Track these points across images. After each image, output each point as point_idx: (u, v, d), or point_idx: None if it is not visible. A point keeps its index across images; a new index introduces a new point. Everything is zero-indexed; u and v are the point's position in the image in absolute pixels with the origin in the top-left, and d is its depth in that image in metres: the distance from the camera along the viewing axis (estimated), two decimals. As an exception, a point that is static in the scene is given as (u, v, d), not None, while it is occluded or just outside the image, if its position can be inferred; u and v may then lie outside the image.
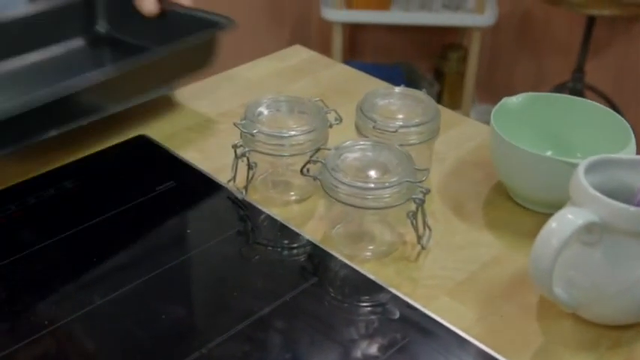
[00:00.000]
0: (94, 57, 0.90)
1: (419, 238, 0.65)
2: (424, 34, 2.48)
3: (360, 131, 0.73)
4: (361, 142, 0.66)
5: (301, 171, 0.66)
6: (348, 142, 0.66)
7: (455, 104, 2.39)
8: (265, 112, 0.71)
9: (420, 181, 0.62)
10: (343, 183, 0.61)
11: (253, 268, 0.65)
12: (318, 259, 0.65)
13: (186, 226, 0.70)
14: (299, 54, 1.04)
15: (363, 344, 0.57)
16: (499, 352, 0.56)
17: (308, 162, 0.66)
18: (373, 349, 0.56)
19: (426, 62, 2.54)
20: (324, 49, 2.27)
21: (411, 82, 2.41)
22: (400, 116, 0.72)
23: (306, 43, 2.42)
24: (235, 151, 0.69)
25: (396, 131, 0.69)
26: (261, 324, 0.58)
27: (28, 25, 0.85)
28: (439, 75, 2.50)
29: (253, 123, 0.68)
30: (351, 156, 0.65)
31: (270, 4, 2.38)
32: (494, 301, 0.61)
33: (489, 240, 0.68)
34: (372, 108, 0.72)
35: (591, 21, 2.14)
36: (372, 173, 0.64)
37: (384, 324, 0.59)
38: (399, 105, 0.74)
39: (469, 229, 0.69)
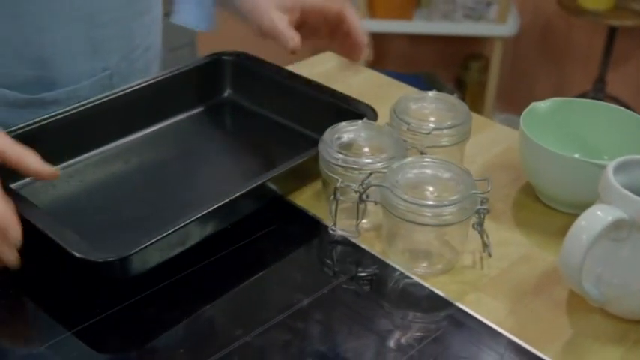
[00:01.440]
0: (216, 123, 0.90)
1: (485, 246, 0.67)
2: (446, 44, 2.50)
3: None
4: (420, 159, 0.67)
5: (360, 198, 0.66)
6: (407, 160, 0.67)
7: (476, 113, 2.41)
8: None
9: (485, 192, 0.64)
10: (402, 199, 0.62)
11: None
12: (354, 254, 0.68)
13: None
14: (329, 60, 1.07)
15: (399, 334, 0.60)
16: (530, 344, 0.59)
17: (364, 187, 0.65)
18: (409, 339, 0.59)
19: (448, 72, 2.56)
20: (347, 58, 2.31)
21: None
22: (432, 119, 0.75)
23: (330, 50, 2.44)
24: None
25: (429, 133, 0.72)
26: (301, 314, 0.61)
27: (157, 91, 0.85)
28: (461, 84, 2.52)
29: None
30: (410, 173, 0.66)
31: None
32: (525, 296, 0.64)
33: (519, 239, 0.71)
34: (405, 111, 0.75)
35: (612, 31, 2.16)
36: (431, 190, 0.65)
37: (419, 316, 0.61)
38: (432, 108, 0.77)
39: (499, 229, 0.72)
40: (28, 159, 0.64)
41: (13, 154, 0.64)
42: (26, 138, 0.68)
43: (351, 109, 0.81)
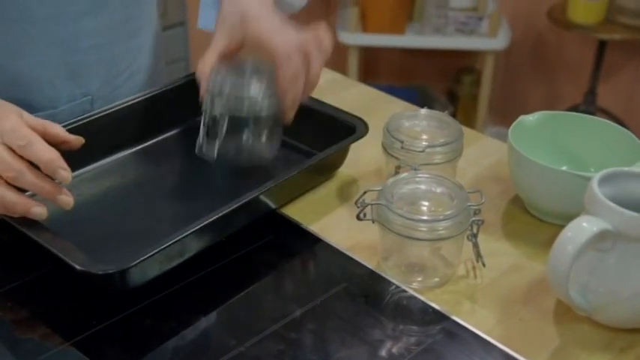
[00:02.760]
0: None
1: (478, 256, 0.69)
2: (438, 58, 2.52)
3: (386, 150, 0.77)
4: (414, 175, 0.69)
5: (357, 217, 0.67)
6: (401, 175, 0.69)
7: (469, 126, 2.42)
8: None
9: (479, 204, 0.66)
10: (398, 215, 0.64)
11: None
12: (348, 266, 0.69)
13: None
14: (322, 75, 1.08)
15: (390, 344, 0.61)
16: (518, 353, 0.60)
17: (359, 206, 0.67)
18: (400, 349, 0.60)
19: (440, 85, 2.58)
20: (340, 71, 2.32)
21: (425, 104, 2.45)
22: (425, 137, 0.76)
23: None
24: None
25: (423, 151, 0.74)
26: (294, 325, 0.62)
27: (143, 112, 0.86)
28: (453, 97, 2.54)
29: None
30: (404, 188, 0.67)
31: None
32: (514, 306, 0.65)
33: (508, 249, 0.72)
34: (398, 128, 0.77)
35: (602, 45, 2.19)
36: (426, 204, 0.67)
37: (410, 326, 0.63)
38: (424, 126, 0.78)
39: (489, 240, 0.73)
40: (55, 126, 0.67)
41: (38, 123, 0.66)
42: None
43: (343, 123, 0.83)
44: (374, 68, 2.63)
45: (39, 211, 0.64)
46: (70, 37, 0.82)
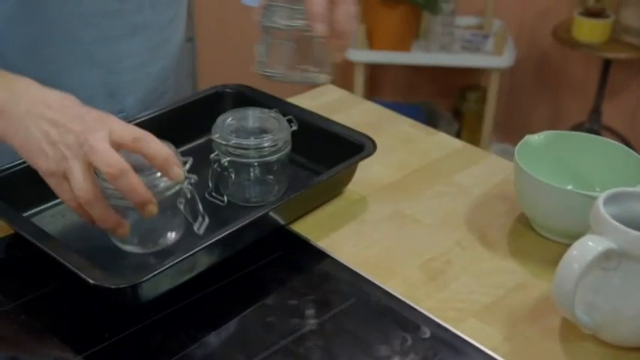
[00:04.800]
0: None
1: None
2: (444, 75, 2.54)
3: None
4: None
5: None
6: None
7: (474, 143, 2.43)
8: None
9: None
10: None
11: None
12: (355, 281, 0.70)
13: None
14: (330, 93, 1.10)
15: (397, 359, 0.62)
16: (524, 370, 0.61)
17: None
18: (407, 365, 0.61)
19: (446, 102, 2.60)
20: (347, 87, 2.34)
21: (431, 121, 2.47)
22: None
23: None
24: None
25: None
26: (303, 340, 0.63)
27: None
28: (458, 114, 2.56)
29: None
30: None
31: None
32: (519, 324, 0.66)
33: (514, 267, 0.73)
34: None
35: (607, 63, 2.20)
36: None
37: (417, 342, 0.64)
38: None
39: (495, 257, 0.74)
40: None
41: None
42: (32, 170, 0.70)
43: (351, 141, 0.84)
44: (380, 85, 2.64)
45: (124, 232, 0.66)
46: (111, 58, 0.86)
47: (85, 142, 0.62)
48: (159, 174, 0.66)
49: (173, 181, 0.66)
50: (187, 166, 0.68)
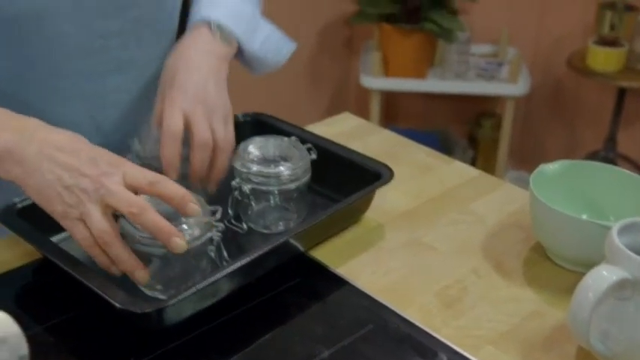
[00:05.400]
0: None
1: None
2: (459, 102, 2.56)
3: None
4: None
5: None
6: None
7: (489, 170, 2.45)
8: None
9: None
10: None
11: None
12: (373, 308, 0.72)
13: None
14: (346, 120, 1.12)
15: (416, 386, 0.63)
16: (540, 397, 0.62)
17: None
18: (425, 391, 0.62)
19: (461, 128, 2.62)
20: (362, 114, 2.36)
21: (446, 148, 2.49)
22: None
23: (345, 108, 2.50)
24: None
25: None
26: (323, 365, 0.64)
27: None
28: (473, 141, 2.57)
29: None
30: None
31: (310, 70, 2.50)
32: (535, 351, 0.67)
33: (529, 295, 0.74)
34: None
35: (622, 92, 2.21)
36: None
37: (434, 369, 0.65)
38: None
39: (510, 285, 0.75)
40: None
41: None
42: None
43: (367, 168, 0.86)
44: (396, 112, 2.67)
45: (143, 275, 0.66)
46: (97, 94, 0.85)
47: (101, 187, 0.64)
48: (185, 226, 0.68)
49: (190, 216, 0.67)
50: (218, 215, 0.70)
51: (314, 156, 0.82)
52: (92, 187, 0.64)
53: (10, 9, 0.74)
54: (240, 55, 0.92)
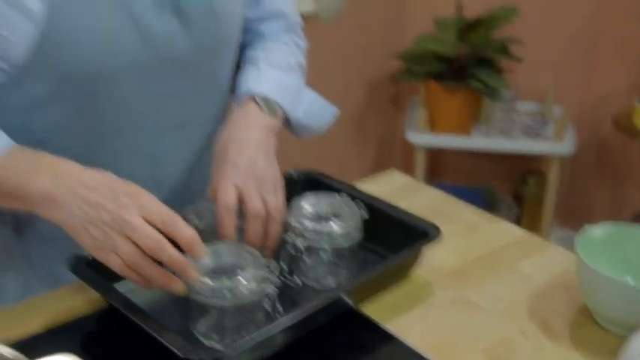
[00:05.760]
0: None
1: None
2: (504, 159, 2.57)
3: None
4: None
5: None
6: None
7: (534, 228, 2.45)
8: None
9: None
10: None
11: None
12: None
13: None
14: (394, 178, 1.15)
15: None
16: None
17: None
18: None
19: (506, 185, 2.62)
20: (408, 169, 2.39)
21: (491, 204, 2.49)
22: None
23: (391, 163, 2.51)
24: None
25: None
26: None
27: None
28: (519, 199, 2.56)
29: None
30: None
31: (358, 125, 2.54)
32: (581, 413, 0.68)
33: (575, 357, 0.75)
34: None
35: (669, 152, 2.20)
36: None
37: None
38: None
39: (556, 346, 0.77)
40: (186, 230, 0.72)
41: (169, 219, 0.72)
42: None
43: (415, 227, 0.88)
44: (441, 167, 2.69)
45: (180, 286, 0.72)
46: (155, 153, 0.89)
47: (122, 221, 0.70)
48: (242, 279, 0.72)
49: (195, 259, 0.72)
50: (272, 270, 0.74)
51: (366, 215, 0.85)
52: (112, 221, 0.70)
53: (83, 71, 0.79)
54: (286, 123, 0.97)
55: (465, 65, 2.25)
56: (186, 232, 0.71)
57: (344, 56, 2.37)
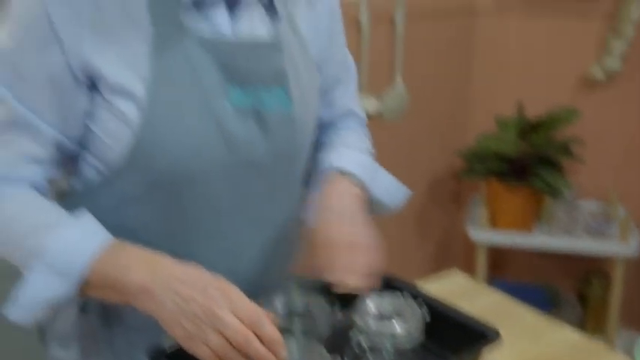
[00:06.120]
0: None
1: None
2: (567, 258, 2.54)
3: None
4: None
5: None
6: None
7: (599, 329, 2.39)
8: None
9: None
10: None
11: None
12: None
13: None
14: (455, 278, 1.18)
15: None
16: None
17: None
18: None
19: (569, 284, 2.57)
20: (469, 265, 2.40)
21: (554, 303, 2.45)
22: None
23: (452, 259, 2.51)
24: None
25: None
26: None
27: None
28: (583, 299, 2.51)
29: None
30: None
31: (420, 220, 2.57)
32: None
33: None
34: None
35: None
36: None
37: None
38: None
39: None
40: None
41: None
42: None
43: (476, 329, 0.91)
44: (502, 264, 2.67)
45: None
46: (233, 248, 0.94)
47: (214, 318, 0.75)
48: None
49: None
50: None
51: (427, 317, 0.88)
52: (204, 315, 0.75)
53: (172, 174, 0.85)
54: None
55: (527, 164, 2.27)
56: (270, 332, 0.76)
57: (407, 154, 2.43)
